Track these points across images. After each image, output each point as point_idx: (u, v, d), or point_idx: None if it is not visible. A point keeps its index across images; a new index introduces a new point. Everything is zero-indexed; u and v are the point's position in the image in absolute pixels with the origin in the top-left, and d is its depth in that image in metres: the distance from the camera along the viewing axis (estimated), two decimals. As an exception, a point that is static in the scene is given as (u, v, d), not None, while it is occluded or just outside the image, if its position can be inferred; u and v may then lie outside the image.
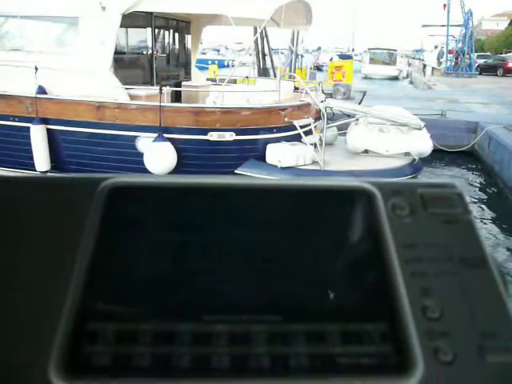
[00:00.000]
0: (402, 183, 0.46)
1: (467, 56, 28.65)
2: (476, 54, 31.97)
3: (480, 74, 29.96)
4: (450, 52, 30.16)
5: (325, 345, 0.36)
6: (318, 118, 7.08)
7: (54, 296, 0.37)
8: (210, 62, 19.68)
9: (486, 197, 7.93)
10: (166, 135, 6.31)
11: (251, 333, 0.36)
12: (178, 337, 0.36)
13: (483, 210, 7.29)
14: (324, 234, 0.42)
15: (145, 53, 8.36)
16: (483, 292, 0.39)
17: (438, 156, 8.66)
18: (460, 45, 29.15)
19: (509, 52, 40.17)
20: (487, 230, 6.43)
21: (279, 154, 6.44)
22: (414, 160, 6.95)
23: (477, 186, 8.55)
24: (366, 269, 0.41)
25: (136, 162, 6.45)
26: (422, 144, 6.82)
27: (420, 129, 6.82)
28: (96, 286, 0.38)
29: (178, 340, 0.36)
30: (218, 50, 36.49)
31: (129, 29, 7.97)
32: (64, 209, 0.42)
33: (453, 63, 29.42)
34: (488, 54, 42.28)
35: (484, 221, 6.76)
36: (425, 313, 0.37)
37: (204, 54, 28.59)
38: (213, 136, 6.42)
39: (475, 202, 7.49)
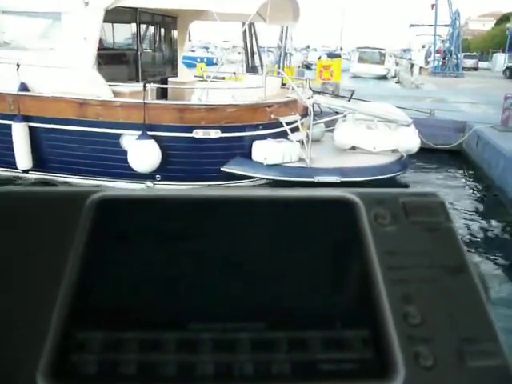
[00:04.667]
0: (384, 192, 0.47)
1: (454, 56, 28.87)
2: (463, 54, 32.22)
3: (510, 77, 26.75)
4: (437, 52, 30.37)
5: (307, 351, 0.36)
6: (304, 114, 7.04)
7: (42, 305, 0.37)
8: (198, 60, 19.58)
9: (473, 195, 7.94)
10: (150, 133, 6.22)
11: (236, 340, 0.37)
12: (164, 345, 0.36)
13: (471, 207, 7.28)
14: (307, 243, 0.43)
15: (130, 48, 8.24)
16: (464, 298, 0.40)
17: (427, 155, 8.66)
18: (447, 45, 29.37)
19: (495, 52, 40.58)
20: (474, 228, 6.43)
21: (265, 151, 6.39)
22: (402, 157, 6.93)
23: (465, 185, 8.57)
24: (348, 276, 0.42)
25: (120, 160, 6.35)
26: (410, 140, 6.81)
27: (408, 125, 6.80)
28: (84, 295, 0.39)
29: (165, 348, 0.36)
30: (207, 48, 36.39)
31: (114, 24, 7.86)
32: (53, 222, 0.43)
33: (440, 63, 29.62)
34: (474, 54, 42.67)
35: (472, 218, 6.76)
36: (406, 319, 0.38)
37: (193, 51, 28.44)
38: (198, 133, 6.34)
39: (463, 200, 7.49)
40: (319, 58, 18.21)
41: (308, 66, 24.85)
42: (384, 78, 30.58)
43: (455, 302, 0.39)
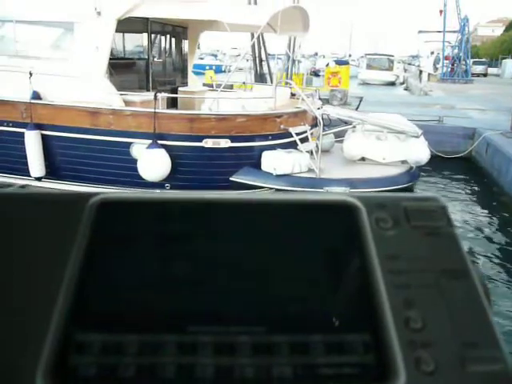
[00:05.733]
0: (386, 197, 0.47)
1: (463, 62, 28.76)
2: (472, 60, 32.09)
3: None
4: (446, 58, 30.25)
5: (309, 355, 0.36)
6: (314, 124, 7.04)
7: (42, 307, 0.37)
8: (207, 68, 19.68)
9: (483, 203, 7.90)
10: (160, 142, 6.26)
11: (236, 343, 0.37)
12: (164, 348, 0.36)
13: (480, 215, 7.26)
14: (309, 246, 0.43)
15: (141, 58, 8.31)
16: (465, 303, 0.39)
17: (436, 162, 8.64)
18: (456, 51, 29.26)
19: (505, 58, 40.37)
20: (484, 236, 6.40)
21: (275, 161, 6.39)
22: (411, 168, 6.92)
23: (474, 192, 8.53)
24: (350, 280, 0.42)
25: (130, 169, 6.40)
26: (420, 152, 6.79)
27: (417, 136, 6.79)
28: (84, 298, 0.38)
29: (165, 351, 0.36)
30: (216, 56, 36.52)
31: (125, 34, 7.94)
32: (53, 224, 0.43)
33: (449, 69, 29.51)
34: (483, 60, 42.48)
35: (481, 226, 6.73)
36: (407, 323, 0.38)
37: (201, 59, 28.58)
38: (208, 143, 6.37)
39: (473, 208, 7.47)
40: (327, 64, 18.24)
41: (316, 73, 24.83)
42: (392, 84, 30.52)
43: (456, 306, 0.39)
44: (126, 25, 7.09)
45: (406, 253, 0.42)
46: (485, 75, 37.25)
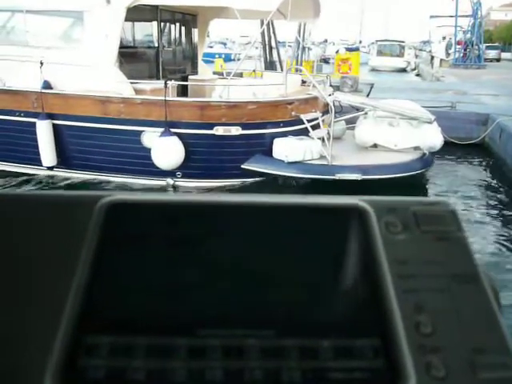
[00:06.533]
0: (395, 201, 0.47)
1: (476, 47, 28.28)
2: (485, 45, 31.57)
3: None
4: (458, 43, 29.77)
5: (318, 359, 0.36)
6: (325, 111, 6.99)
7: (51, 309, 0.37)
8: (216, 56, 19.61)
9: (497, 189, 7.80)
10: (171, 130, 6.26)
11: (245, 347, 0.37)
12: (173, 351, 0.36)
13: (494, 202, 7.17)
14: (318, 250, 0.43)
15: (151, 46, 8.30)
16: (475, 308, 0.39)
17: (449, 148, 8.52)
18: (469, 35, 28.78)
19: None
20: (497, 223, 6.32)
21: (286, 148, 6.36)
22: (424, 154, 6.85)
23: (488, 179, 8.42)
24: (359, 285, 0.42)
25: (141, 157, 6.42)
26: (432, 138, 6.71)
27: (430, 122, 6.71)
28: (94, 300, 0.39)
29: (174, 354, 0.36)
30: (225, 44, 36.36)
31: (135, 22, 7.92)
32: (62, 226, 0.43)
33: (461, 54, 29.05)
34: (497, 44, 41.76)
35: (494, 214, 6.64)
36: (417, 328, 0.38)
37: (211, 47, 28.48)
38: (218, 130, 6.35)
39: (486, 195, 7.37)
40: (337, 51, 18.05)
41: (326, 60, 24.52)
42: (403, 70, 30.19)
43: (466, 311, 0.39)
44: (136, 13, 7.07)
45: (416, 257, 0.42)
46: (498, 60, 36.61)
